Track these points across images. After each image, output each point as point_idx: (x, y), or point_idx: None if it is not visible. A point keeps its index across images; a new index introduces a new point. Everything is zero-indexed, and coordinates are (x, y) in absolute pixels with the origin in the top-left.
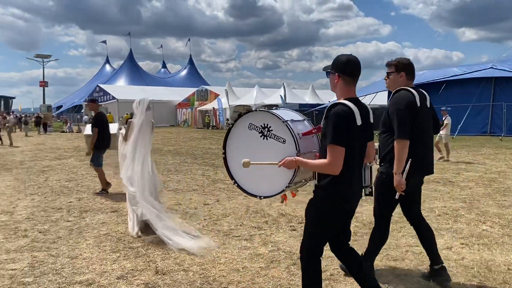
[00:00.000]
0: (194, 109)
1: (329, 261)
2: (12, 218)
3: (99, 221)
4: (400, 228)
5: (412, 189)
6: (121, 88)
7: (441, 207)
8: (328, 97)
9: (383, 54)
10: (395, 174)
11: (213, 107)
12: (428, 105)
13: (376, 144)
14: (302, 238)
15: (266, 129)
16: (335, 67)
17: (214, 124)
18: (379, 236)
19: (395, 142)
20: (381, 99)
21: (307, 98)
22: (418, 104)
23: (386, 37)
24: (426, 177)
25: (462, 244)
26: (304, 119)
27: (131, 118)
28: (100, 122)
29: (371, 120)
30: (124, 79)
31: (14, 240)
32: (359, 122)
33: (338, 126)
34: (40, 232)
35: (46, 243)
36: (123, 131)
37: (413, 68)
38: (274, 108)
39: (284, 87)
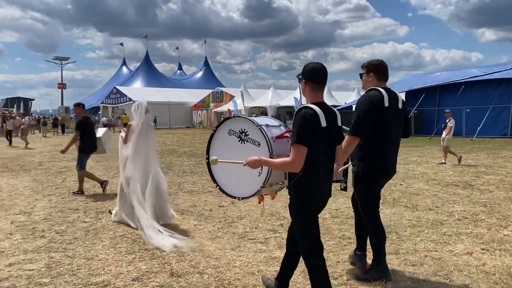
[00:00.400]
0: (209, 110)
1: (345, 265)
2: (30, 219)
3: (115, 223)
4: (419, 232)
5: (379, 189)
6: (137, 90)
7: (460, 211)
8: (344, 98)
9: (400, 55)
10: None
11: (228, 109)
12: (400, 107)
13: None
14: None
15: (244, 133)
16: (303, 75)
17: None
18: (377, 237)
19: (346, 137)
20: None
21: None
22: (386, 104)
23: (403, 38)
24: (444, 180)
25: (483, 249)
26: (280, 125)
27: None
28: (84, 126)
29: (339, 124)
30: (141, 81)
31: (32, 241)
32: (323, 124)
33: (302, 127)
34: (57, 233)
35: (63, 244)
36: (122, 134)
37: (384, 69)
38: (254, 115)
39: (299, 89)
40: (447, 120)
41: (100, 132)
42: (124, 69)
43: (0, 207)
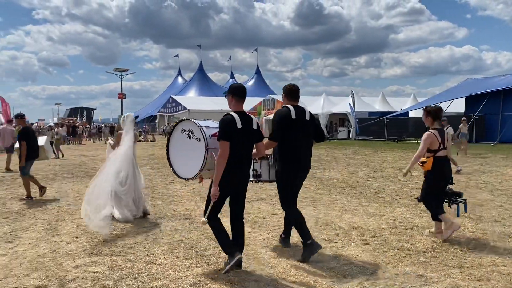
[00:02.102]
0: (261, 118)
1: (405, 278)
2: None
3: (173, 228)
4: (484, 245)
5: (298, 181)
6: (192, 99)
7: None
8: (399, 105)
9: (458, 58)
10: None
11: None
12: (308, 119)
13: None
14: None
15: (190, 132)
16: (230, 92)
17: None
18: (296, 219)
19: (267, 140)
20: (457, 106)
21: (377, 106)
22: (293, 117)
23: (462, 40)
24: (511, 190)
25: None
26: (217, 127)
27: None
28: (27, 136)
29: (254, 127)
30: (195, 90)
31: (95, 244)
32: (239, 126)
33: (223, 128)
34: (118, 237)
35: (124, 248)
36: (110, 141)
37: (294, 92)
38: (203, 119)
39: (352, 95)
40: (446, 128)
41: (41, 140)
42: (179, 79)
43: (66, 212)
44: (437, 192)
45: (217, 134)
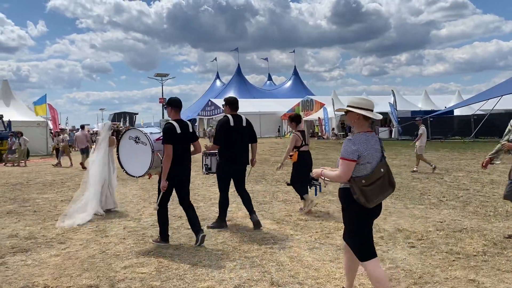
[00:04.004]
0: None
1: (455, 282)
2: (140, 225)
3: (216, 230)
4: None
5: (235, 174)
6: None
7: None
8: (444, 103)
9: (506, 53)
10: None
11: (319, 117)
12: (244, 125)
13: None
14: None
15: (137, 138)
16: (169, 104)
17: (320, 134)
18: (223, 203)
19: (212, 143)
20: (507, 103)
21: (420, 104)
22: (232, 124)
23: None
24: None
25: None
26: (160, 132)
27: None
28: None
29: (190, 130)
30: (233, 92)
31: (142, 245)
32: (178, 131)
33: (167, 134)
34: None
35: (169, 249)
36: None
37: (234, 104)
38: (146, 126)
39: (393, 94)
40: (419, 128)
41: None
42: (218, 82)
43: (114, 214)
44: (302, 177)
45: (160, 138)
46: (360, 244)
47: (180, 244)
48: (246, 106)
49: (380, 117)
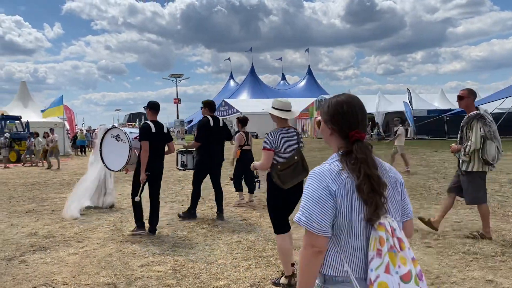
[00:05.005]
0: (313, 119)
1: (472, 283)
2: None
3: (230, 229)
4: None
5: (213, 170)
6: (244, 102)
7: None
8: None
9: None
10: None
11: None
12: (221, 125)
13: None
14: None
15: (117, 136)
16: (148, 107)
17: None
18: (195, 194)
19: (193, 141)
20: None
21: (436, 103)
22: (211, 124)
23: None
24: None
25: None
26: (137, 132)
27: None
28: None
29: (165, 131)
30: (247, 92)
31: (158, 244)
32: (153, 130)
33: (144, 132)
34: (179, 238)
35: (185, 248)
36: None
37: (212, 105)
38: (128, 126)
39: (409, 92)
40: (396, 128)
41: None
42: (231, 82)
43: (130, 213)
44: (241, 174)
45: (137, 137)
46: (275, 218)
47: (195, 243)
48: (259, 106)
49: (294, 116)
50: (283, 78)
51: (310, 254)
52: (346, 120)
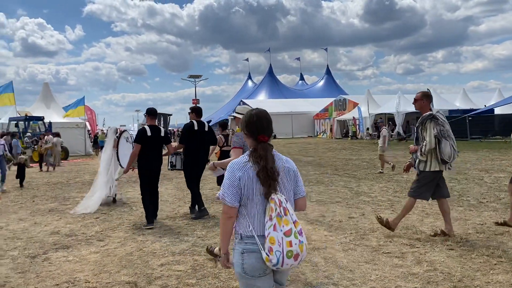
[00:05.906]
0: (332, 119)
1: (495, 286)
2: (175, 223)
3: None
4: None
5: (195, 171)
6: (262, 102)
7: None
8: (483, 101)
9: None
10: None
11: (353, 117)
12: (206, 129)
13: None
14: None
15: (128, 138)
16: (147, 113)
17: (353, 134)
18: (192, 194)
19: (177, 143)
20: None
21: (458, 103)
22: (196, 128)
23: None
24: None
25: None
26: None
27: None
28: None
29: (162, 135)
30: (265, 93)
31: (178, 244)
32: (149, 134)
33: (138, 135)
34: (198, 237)
35: (204, 247)
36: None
37: (199, 111)
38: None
39: (429, 92)
40: (380, 129)
41: None
42: (249, 82)
43: None
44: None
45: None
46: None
47: (214, 242)
48: (277, 106)
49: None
50: (301, 78)
51: (225, 218)
52: (255, 127)
